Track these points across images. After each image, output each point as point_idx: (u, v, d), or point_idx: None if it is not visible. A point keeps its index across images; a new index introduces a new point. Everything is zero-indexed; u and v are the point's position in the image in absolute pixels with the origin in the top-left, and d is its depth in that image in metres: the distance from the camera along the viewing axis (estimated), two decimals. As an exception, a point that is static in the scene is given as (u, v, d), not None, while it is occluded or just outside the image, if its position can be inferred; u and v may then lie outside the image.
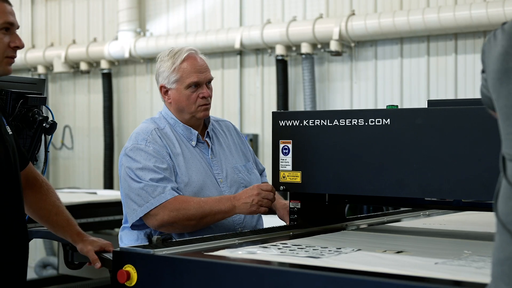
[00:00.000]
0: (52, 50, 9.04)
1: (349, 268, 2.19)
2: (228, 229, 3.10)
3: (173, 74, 3.15)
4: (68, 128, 9.23)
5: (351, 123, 2.94)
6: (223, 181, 3.18)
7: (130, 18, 8.49)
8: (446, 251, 2.56)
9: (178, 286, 2.36)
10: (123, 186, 3.09)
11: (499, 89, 1.73)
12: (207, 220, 3.00)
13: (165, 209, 2.97)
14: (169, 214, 2.97)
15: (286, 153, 3.10)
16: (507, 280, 1.62)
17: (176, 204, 2.98)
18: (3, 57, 2.44)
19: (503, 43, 1.74)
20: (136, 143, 3.10)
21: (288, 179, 3.10)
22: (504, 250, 1.64)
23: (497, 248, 1.68)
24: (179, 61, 3.14)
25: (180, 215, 2.97)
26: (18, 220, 2.53)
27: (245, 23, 7.88)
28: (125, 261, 2.46)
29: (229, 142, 3.33)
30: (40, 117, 2.88)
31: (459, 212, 3.85)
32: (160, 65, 3.20)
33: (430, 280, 2.04)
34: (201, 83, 3.16)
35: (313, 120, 3.03)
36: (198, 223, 3.00)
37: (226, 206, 2.99)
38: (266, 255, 2.42)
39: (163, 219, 2.97)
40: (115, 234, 6.48)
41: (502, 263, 1.65)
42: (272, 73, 7.60)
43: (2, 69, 2.47)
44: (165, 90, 3.20)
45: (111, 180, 8.69)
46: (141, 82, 8.70)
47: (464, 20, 6.31)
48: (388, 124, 2.86)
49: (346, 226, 3.24)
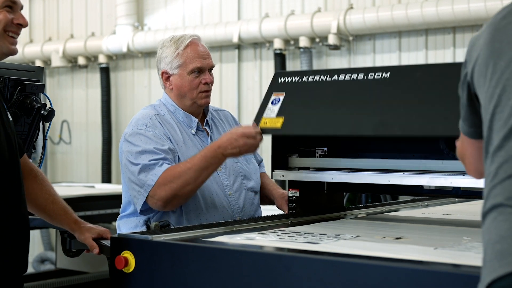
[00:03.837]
0: (50, 45, 9.03)
1: (348, 253, 2.18)
2: (227, 218, 3.09)
3: (176, 59, 3.15)
4: (66, 122, 9.22)
5: (351, 78, 2.91)
6: (222, 170, 3.17)
7: (128, 12, 8.47)
8: (445, 237, 2.56)
9: (176, 272, 2.36)
10: (124, 172, 3.07)
11: (485, 73, 1.75)
12: (202, 179, 2.96)
13: (160, 186, 2.94)
14: (165, 189, 2.94)
15: (275, 103, 3.05)
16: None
17: (167, 177, 2.94)
18: (3, 31, 2.43)
19: (489, 31, 1.78)
20: (136, 128, 3.09)
21: (268, 125, 3.02)
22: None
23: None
24: (183, 46, 3.15)
25: (175, 185, 2.93)
26: (20, 208, 2.52)
27: (243, 17, 7.87)
28: (123, 248, 2.45)
29: (225, 130, 3.32)
30: (38, 104, 2.87)
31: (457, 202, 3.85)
32: (162, 51, 3.20)
33: (430, 264, 2.03)
34: (204, 69, 3.16)
35: (314, 76, 3.01)
36: (195, 185, 2.95)
37: (215, 160, 2.94)
38: (265, 241, 2.41)
39: (162, 196, 2.94)
40: (113, 227, 6.47)
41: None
42: (270, 67, 7.59)
43: (5, 47, 2.46)
44: (167, 76, 3.20)
45: (109, 175, 8.68)
46: (139, 76, 8.68)
47: (463, 13, 6.31)
48: (387, 78, 2.84)
49: (344, 215, 3.24)
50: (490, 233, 1.63)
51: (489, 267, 1.60)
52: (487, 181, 1.70)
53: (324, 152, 3.19)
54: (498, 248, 1.59)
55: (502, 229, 1.60)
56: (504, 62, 1.71)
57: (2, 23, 2.43)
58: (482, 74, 1.77)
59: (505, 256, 1.57)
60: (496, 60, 1.73)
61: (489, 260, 1.60)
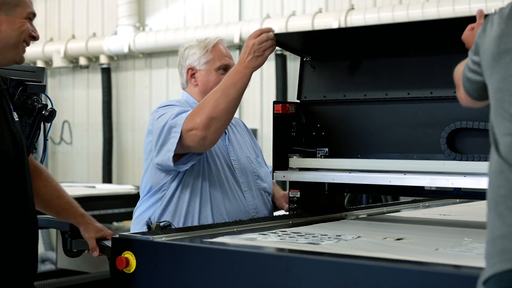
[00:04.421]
0: (51, 45, 9.03)
1: (349, 253, 2.18)
2: (241, 214, 3.10)
3: (205, 55, 3.23)
4: (67, 123, 9.22)
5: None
6: (238, 168, 3.21)
7: (130, 13, 8.48)
8: (447, 238, 2.56)
9: (177, 272, 2.36)
10: (155, 135, 3.03)
11: (493, 67, 1.83)
12: (232, 96, 2.93)
13: (193, 116, 2.93)
14: (199, 116, 2.92)
15: None
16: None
17: (198, 108, 2.96)
18: (21, 41, 2.50)
19: (500, 26, 1.84)
20: (166, 103, 3.15)
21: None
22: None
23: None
24: (211, 45, 3.25)
25: (207, 108, 2.92)
26: (28, 207, 2.53)
27: (244, 17, 7.87)
28: (124, 248, 2.45)
29: (241, 136, 3.37)
30: (39, 104, 2.86)
31: (458, 203, 3.85)
32: (188, 50, 3.27)
33: (431, 265, 2.03)
34: (229, 67, 3.21)
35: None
36: (227, 103, 2.92)
37: (239, 75, 2.96)
38: (266, 242, 2.41)
39: (198, 123, 2.90)
40: (114, 228, 6.47)
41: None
42: (272, 67, 7.59)
43: (19, 55, 2.53)
44: (193, 73, 3.25)
45: (109, 175, 8.68)
46: (140, 77, 8.68)
47: (464, 14, 6.30)
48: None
49: (345, 215, 3.24)
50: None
51: None
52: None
53: (325, 153, 3.19)
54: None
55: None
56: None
57: (25, 33, 2.51)
58: (490, 67, 1.85)
59: None
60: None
61: None
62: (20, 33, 2.48)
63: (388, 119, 3.07)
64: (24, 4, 2.49)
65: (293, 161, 3.18)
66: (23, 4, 2.48)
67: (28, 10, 2.50)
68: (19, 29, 2.47)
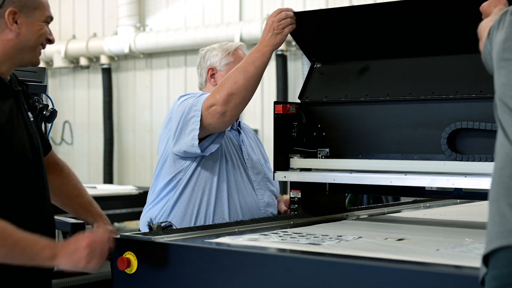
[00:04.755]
0: (52, 45, 8.90)
1: (350, 254, 2.19)
2: (253, 209, 3.15)
3: (227, 57, 3.30)
4: (67, 123, 9.22)
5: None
6: (251, 167, 3.25)
7: (130, 13, 8.48)
8: (447, 239, 2.56)
9: (179, 273, 2.36)
10: (176, 119, 3.07)
11: (497, 73, 1.81)
12: (251, 73, 2.98)
13: (214, 94, 2.98)
14: (219, 93, 2.97)
15: None
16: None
17: (218, 86, 3.01)
18: (39, 44, 2.53)
19: (507, 30, 1.80)
20: (188, 94, 3.20)
21: None
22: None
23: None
24: (233, 48, 3.33)
25: (227, 85, 2.97)
26: (44, 207, 2.54)
27: (245, 18, 7.88)
28: (126, 248, 2.45)
29: (252, 141, 3.41)
30: (40, 104, 2.87)
31: (459, 204, 3.85)
32: (210, 52, 3.34)
33: (432, 265, 2.04)
34: None
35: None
36: (246, 79, 2.98)
37: (259, 53, 3.01)
38: (267, 242, 2.41)
39: (218, 99, 2.96)
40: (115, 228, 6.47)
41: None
42: (272, 68, 7.59)
43: (35, 57, 2.56)
44: (213, 73, 3.31)
45: (110, 175, 8.68)
46: (140, 77, 8.69)
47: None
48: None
49: (346, 216, 3.24)
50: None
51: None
52: None
53: (326, 153, 3.19)
54: None
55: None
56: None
57: (43, 36, 2.53)
58: (495, 70, 1.83)
59: None
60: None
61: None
62: (39, 36, 2.51)
63: (389, 120, 3.07)
64: (43, 8, 2.52)
65: (294, 161, 3.18)
66: (42, 8, 2.52)
67: (46, 14, 2.53)
68: (37, 32, 2.50)
